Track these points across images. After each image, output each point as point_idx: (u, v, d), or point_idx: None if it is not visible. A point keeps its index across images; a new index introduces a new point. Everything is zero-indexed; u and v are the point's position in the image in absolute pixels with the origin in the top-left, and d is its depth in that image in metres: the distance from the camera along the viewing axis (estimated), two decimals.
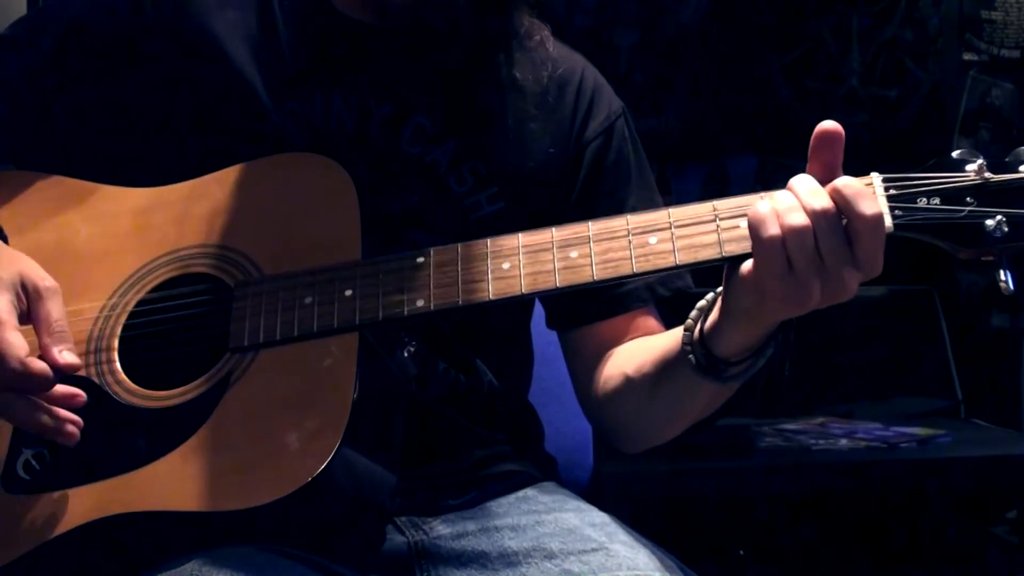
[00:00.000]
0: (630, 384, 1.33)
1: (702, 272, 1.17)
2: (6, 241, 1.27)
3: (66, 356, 1.12)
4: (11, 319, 1.11)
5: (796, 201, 1.07)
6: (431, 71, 1.36)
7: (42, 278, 1.16)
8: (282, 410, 1.14)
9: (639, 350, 1.33)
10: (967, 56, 3.49)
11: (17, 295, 1.14)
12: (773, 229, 1.06)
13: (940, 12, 3.49)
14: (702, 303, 1.20)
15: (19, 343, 1.10)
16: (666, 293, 1.39)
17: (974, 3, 3.49)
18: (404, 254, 1.19)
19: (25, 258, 1.19)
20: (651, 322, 1.40)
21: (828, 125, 1.10)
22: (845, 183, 1.07)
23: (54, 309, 1.15)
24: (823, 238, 1.06)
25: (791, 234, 1.05)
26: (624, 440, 1.41)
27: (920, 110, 3.49)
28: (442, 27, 1.33)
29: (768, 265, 1.07)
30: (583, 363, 1.40)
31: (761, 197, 1.10)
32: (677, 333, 1.23)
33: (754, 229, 1.07)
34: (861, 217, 1.05)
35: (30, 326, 1.14)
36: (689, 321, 1.21)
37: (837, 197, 1.06)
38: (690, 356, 1.19)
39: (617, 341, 1.38)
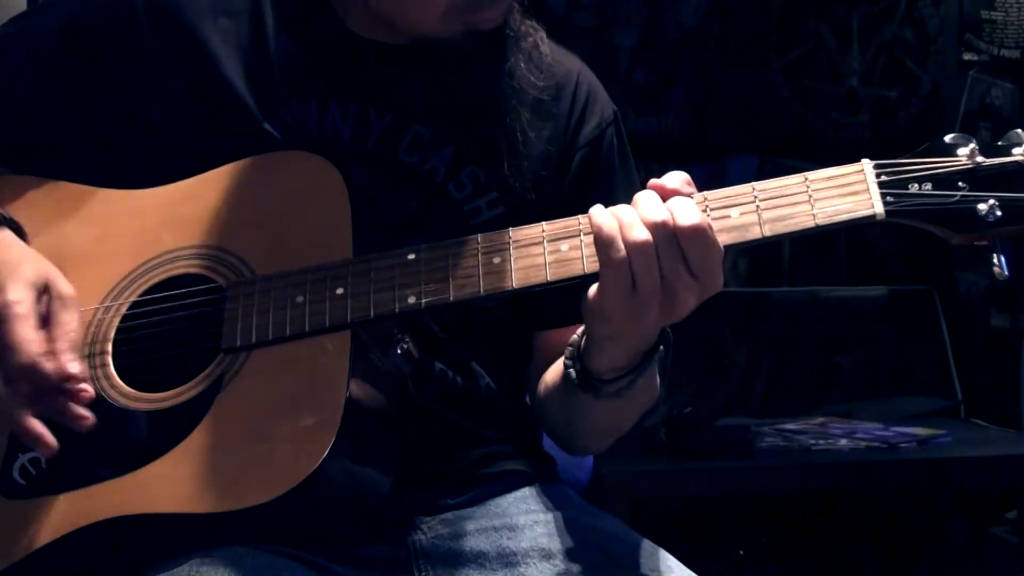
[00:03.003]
0: (547, 393, 1.36)
1: None
2: (27, 243, 1.27)
3: (74, 366, 1.13)
4: (31, 316, 1.13)
5: (636, 215, 1.08)
6: (428, 79, 1.36)
7: (65, 285, 1.18)
8: (276, 410, 1.13)
9: (558, 361, 1.34)
10: (967, 56, 3.49)
11: (39, 296, 1.16)
12: (619, 245, 1.08)
13: (940, 12, 3.49)
14: None
15: (37, 340, 1.12)
16: None
17: (974, 3, 3.49)
18: (395, 251, 1.19)
19: (49, 263, 1.21)
20: None
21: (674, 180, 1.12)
22: (673, 190, 1.10)
23: (71, 320, 1.16)
24: (663, 252, 1.07)
25: (634, 249, 1.07)
26: (561, 444, 1.43)
27: (920, 110, 3.48)
28: (465, 49, 1.33)
29: (616, 284, 1.09)
30: (535, 366, 1.41)
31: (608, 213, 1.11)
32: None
33: (602, 250, 1.09)
34: (684, 228, 1.07)
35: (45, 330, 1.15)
36: (575, 336, 1.22)
37: (665, 211, 1.08)
38: (570, 371, 1.21)
39: None
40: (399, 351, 1.19)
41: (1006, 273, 1.09)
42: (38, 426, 1.12)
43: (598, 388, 1.20)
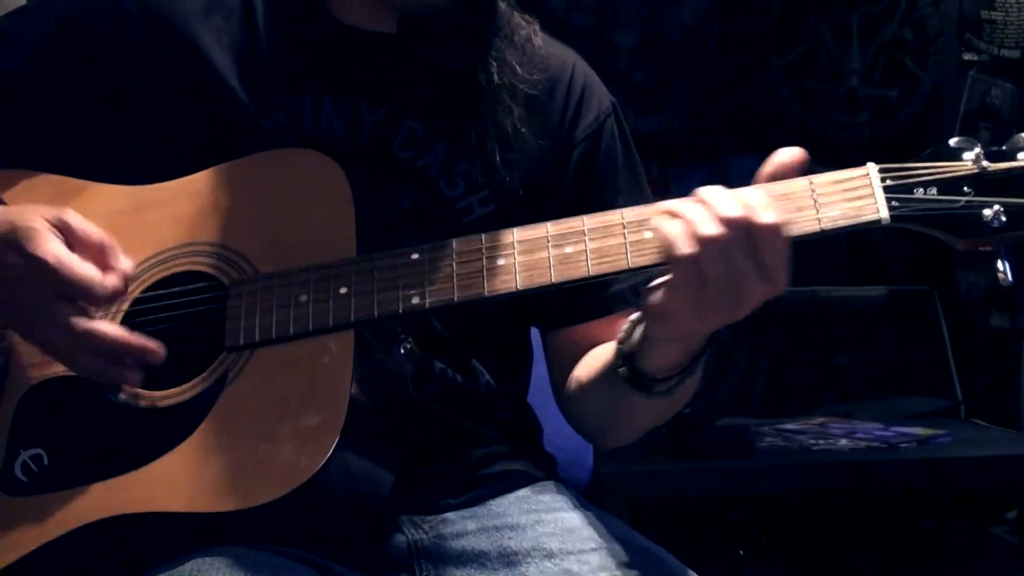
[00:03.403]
0: (584, 390, 1.35)
1: None
2: None
3: (125, 264, 1.16)
4: (70, 253, 1.13)
5: (707, 212, 1.07)
6: (421, 73, 1.35)
7: (59, 208, 1.17)
8: (279, 409, 1.13)
9: (597, 356, 1.34)
10: (967, 56, 3.49)
11: (55, 233, 1.15)
12: (688, 240, 1.06)
13: (940, 12, 3.49)
14: (634, 316, 1.21)
15: (92, 269, 1.13)
16: None
17: (974, 3, 3.49)
18: (399, 251, 1.18)
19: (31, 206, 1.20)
20: None
21: (791, 154, 1.11)
22: (747, 191, 1.08)
23: (88, 229, 1.16)
24: (735, 249, 1.06)
25: (705, 245, 1.06)
26: (592, 438, 1.44)
27: (920, 110, 3.49)
28: (427, 30, 1.33)
29: (685, 281, 1.07)
30: (560, 363, 1.41)
31: (669, 212, 1.10)
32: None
33: (669, 248, 1.08)
34: (763, 227, 1.05)
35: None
36: (622, 334, 1.21)
37: (744, 207, 1.06)
38: (621, 370, 1.20)
39: (596, 343, 1.38)
40: (402, 351, 1.19)
41: (1010, 279, 1.08)
42: (127, 334, 1.13)
43: (650, 387, 1.19)
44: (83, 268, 1.13)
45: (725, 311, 1.09)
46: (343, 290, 1.17)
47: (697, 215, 1.07)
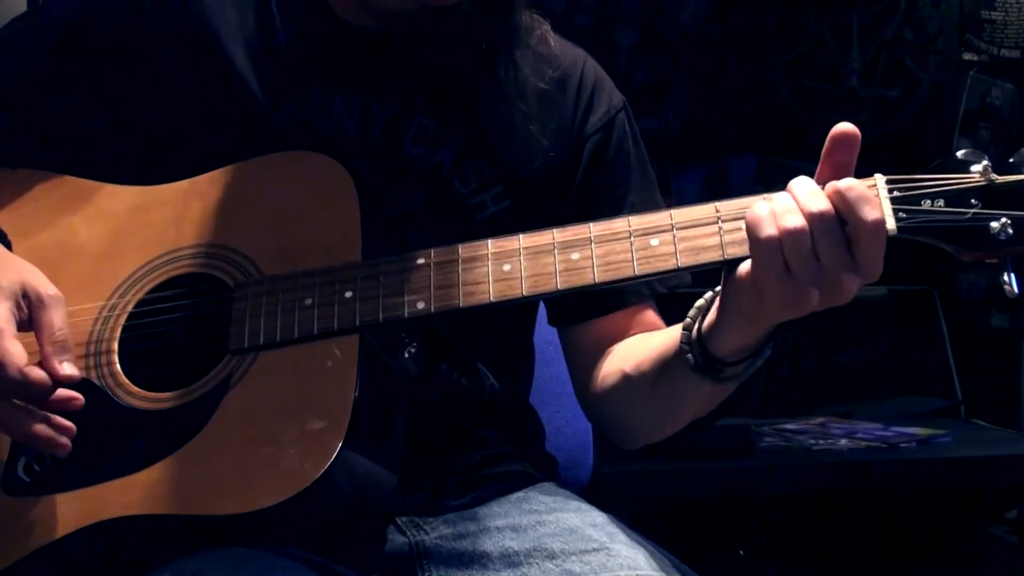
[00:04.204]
0: (628, 382, 1.32)
1: (702, 272, 1.17)
2: (9, 247, 1.26)
3: (67, 368, 1.11)
4: (10, 327, 1.10)
5: (794, 203, 1.05)
6: (433, 72, 1.36)
7: (45, 286, 1.15)
8: (283, 412, 1.13)
9: (637, 347, 1.33)
10: (967, 56, 3.49)
11: (17, 303, 1.13)
12: (770, 230, 1.05)
13: (940, 12, 3.49)
14: (701, 302, 1.19)
15: (18, 351, 1.08)
16: (663, 290, 1.39)
17: (974, 3, 3.49)
18: (405, 255, 1.18)
19: (29, 266, 1.18)
20: (650, 317, 1.40)
21: (845, 127, 1.08)
22: (848, 185, 1.05)
23: (56, 318, 1.13)
24: (821, 241, 1.04)
25: (788, 236, 1.04)
26: (623, 437, 1.41)
27: (920, 110, 3.49)
28: (443, 32, 1.33)
29: (766, 267, 1.06)
30: (583, 360, 1.40)
31: (763, 198, 1.09)
32: (675, 331, 1.22)
33: (751, 230, 1.06)
34: (862, 222, 1.04)
35: (30, 332, 1.13)
36: (688, 320, 1.20)
37: (838, 200, 1.05)
38: (688, 356, 1.18)
39: (617, 337, 1.38)
40: (407, 355, 1.19)
41: (1016, 291, 1.08)
42: (45, 430, 1.10)
43: (719, 371, 1.17)
44: (6, 345, 1.09)
45: (823, 298, 1.06)
46: (348, 294, 1.17)
47: (780, 206, 1.06)
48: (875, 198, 1.06)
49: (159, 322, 1.22)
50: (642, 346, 1.32)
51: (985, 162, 1.08)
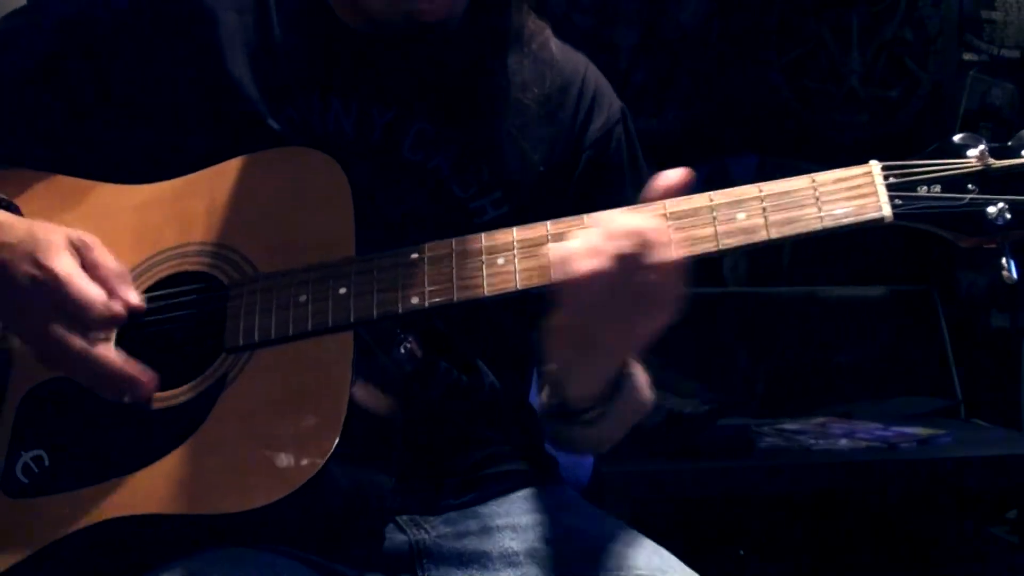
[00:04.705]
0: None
1: (701, 272, 1.17)
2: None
3: (134, 296, 1.19)
4: (80, 271, 1.17)
5: (599, 241, 1.08)
6: (432, 76, 1.35)
7: (82, 232, 1.20)
8: (278, 410, 1.13)
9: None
10: (967, 56, 3.49)
11: (71, 251, 1.18)
12: (576, 266, 1.08)
13: (940, 12, 3.49)
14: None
15: (96, 289, 1.16)
16: None
17: (974, 3, 3.50)
18: (399, 251, 1.18)
19: (57, 226, 1.22)
20: None
21: (675, 175, 1.13)
22: (650, 226, 1.08)
23: (104, 256, 1.19)
24: (623, 280, 1.07)
25: (593, 274, 1.07)
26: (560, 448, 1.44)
27: (920, 110, 3.49)
28: (439, 34, 1.33)
29: (568, 302, 1.09)
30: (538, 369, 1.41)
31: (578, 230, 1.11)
32: None
33: (556, 267, 1.09)
34: (661, 264, 1.07)
35: None
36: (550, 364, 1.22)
37: (640, 240, 1.07)
38: (548, 399, 1.22)
39: None
40: (402, 351, 1.19)
41: (1014, 276, 1.08)
42: (131, 364, 1.15)
43: (571, 418, 1.21)
44: (87, 288, 1.16)
45: (618, 337, 1.10)
46: (342, 290, 1.16)
47: (590, 243, 1.09)
48: (669, 241, 1.08)
49: (155, 321, 1.22)
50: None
51: (982, 147, 1.08)
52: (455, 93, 1.36)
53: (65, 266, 1.15)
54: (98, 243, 1.20)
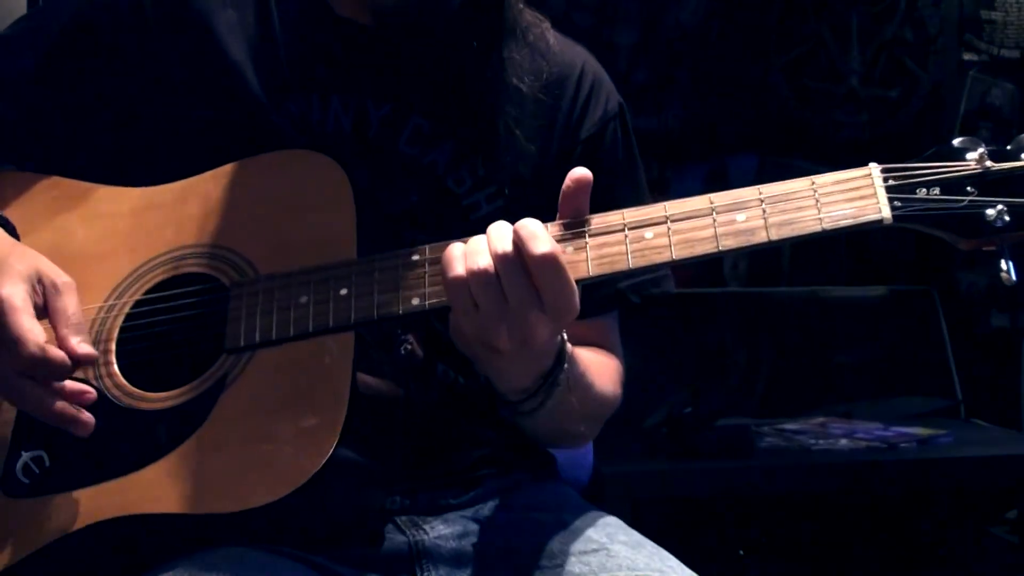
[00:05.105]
0: None
1: (701, 272, 1.17)
2: (17, 239, 1.27)
3: (83, 347, 1.13)
4: (28, 307, 1.12)
5: (485, 244, 1.09)
6: (429, 70, 1.35)
7: (58, 274, 1.17)
8: (278, 411, 1.13)
9: None
10: (967, 56, 3.49)
11: (33, 287, 1.15)
12: (459, 270, 1.09)
13: (940, 12, 3.49)
14: None
15: (37, 329, 1.11)
16: (636, 300, 1.39)
17: (974, 3, 3.49)
18: (399, 252, 1.18)
19: (40, 255, 1.20)
20: (601, 333, 1.41)
21: (580, 172, 1.13)
22: (523, 224, 1.09)
23: (70, 303, 1.16)
24: (504, 280, 1.08)
25: (473, 276, 1.08)
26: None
27: (920, 110, 3.49)
28: (435, 27, 1.33)
29: (456, 304, 1.10)
30: None
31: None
32: None
33: (443, 270, 1.10)
34: (532, 257, 1.07)
35: (44, 320, 1.15)
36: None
37: (516, 239, 1.08)
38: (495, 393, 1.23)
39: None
40: (403, 351, 1.19)
41: (1014, 279, 1.08)
42: (67, 407, 1.11)
43: (509, 408, 1.22)
44: (22, 324, 1.10)
45: (511, 338, 1.10)
46: (343, 291, 1.17)
47: (472, 246, 1.10)
48: (546, 234, 1.09)
49: (156, 322, 1.22)
50: None
51: (981, 149, 1.08)
52: (451, 87, 1.35)
53: (11, 297, 1.12)
54: (71, 288, 1.17)
